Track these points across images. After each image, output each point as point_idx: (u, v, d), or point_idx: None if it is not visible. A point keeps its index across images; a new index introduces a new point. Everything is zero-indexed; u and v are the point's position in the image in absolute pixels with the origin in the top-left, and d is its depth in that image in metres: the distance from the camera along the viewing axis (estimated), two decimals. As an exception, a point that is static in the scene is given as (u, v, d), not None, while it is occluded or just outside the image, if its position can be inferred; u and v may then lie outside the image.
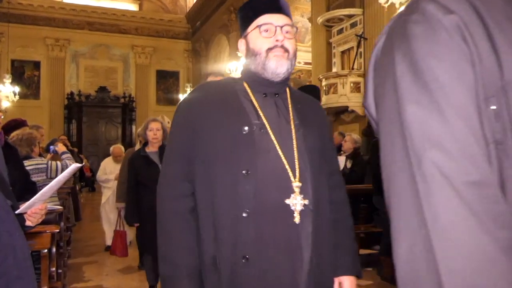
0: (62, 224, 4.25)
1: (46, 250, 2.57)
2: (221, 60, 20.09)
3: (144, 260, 4.42)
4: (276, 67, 1.38)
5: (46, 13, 19.66)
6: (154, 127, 3.93)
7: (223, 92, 1.43)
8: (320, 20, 11.35)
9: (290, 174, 1.33)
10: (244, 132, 1.32)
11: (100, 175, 6.56)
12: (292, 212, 1.30)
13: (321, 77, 11.05)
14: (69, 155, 4.03)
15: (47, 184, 3.44)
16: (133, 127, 20.97)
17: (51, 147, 4.64)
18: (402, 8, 7.49)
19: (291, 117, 1.42)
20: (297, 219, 1.30)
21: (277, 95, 1.45)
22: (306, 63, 15.81)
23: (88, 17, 20.43)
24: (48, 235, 2.55)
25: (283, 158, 1.34)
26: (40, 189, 3.21)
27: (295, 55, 1.44)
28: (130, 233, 5.70)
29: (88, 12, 20.36)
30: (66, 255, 5.23)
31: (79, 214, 7.55)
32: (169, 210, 1.38)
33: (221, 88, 1.45)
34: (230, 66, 14.03)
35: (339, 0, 11.32)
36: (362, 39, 10.23)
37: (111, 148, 6.77)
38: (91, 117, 20.14)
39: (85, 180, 14.86)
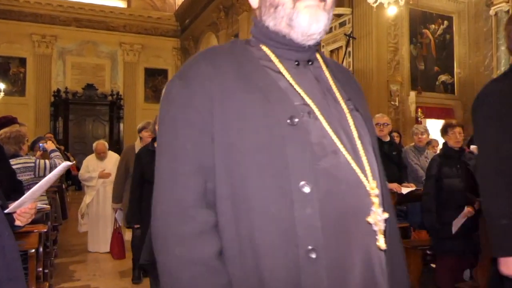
0: (49, 223, 4.20)
1: (33, 250, 2.54)
2: (210, 58, 20.03)
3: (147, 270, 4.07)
4: (310, 24, 0.94)
5: (32, 9, 19.36)
6: None
7: (241, 62, 0.95)
8: (309, 19, 11.37)
9: (362, 178, 0.92)
10: (289, 123, 0.87)
11: (82, 173, 6.19)
12: (374, 234, 0.90)
13: (310, 76, 11.08)
14: (58, 153, 3.98)
15: (35, 183, 3.41)
16: (121, 125, 20.79)
17: (40, 144, 4.57)
18: (391, 8, 7.51)
19: (338, 94, 1.00)
20: (382, 243, 0.90)
21: (310, 63, 1.02)
22: (295, 62, 15.85)
23: (75, 13, 20.17)
24: (36, 235, 2.52)
25: (347, 155, 0.91)
26: (28, 188, 3.18)
27: (333, 6, 1.01)
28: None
29: (75, 8, 20.10)
30: (52, 254, 5.17)
31: (66, 213, 7.47)
32: (183, 259, 0.85)
33: (236, 56, 0.97)
34: (219, 64, 14.00)
35: (328, -1, 11.35)
36: (351, 38, 10.28)
37: (94, 145, 6.36)
38: (78, 115, 19.92)
39: (72, 179, 14.69)
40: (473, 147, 4.46)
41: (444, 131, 3.45)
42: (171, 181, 0.89)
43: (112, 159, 6.18)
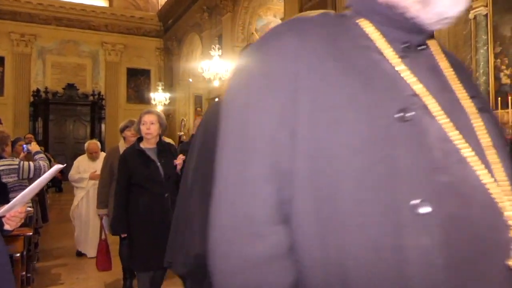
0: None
1: (18, 254, 2.49)
2: (194, 59, 19.94)
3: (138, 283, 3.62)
4: (454, 4, 0.69)
5: (11, 6, 18.96)
6: (148, 120, 3.34)
7: (334, 37, 0.71)
8: (293, 21, 11.43)
9: (499, 201, 0.65)
10: (399, 117, 0.64)
11: (73, 174, 5.88)
12: None
13: (294, 77, 11.14)
14: (42, 155, 3.90)
15: (20, 185, 3.34)
16: (103, 126, 20.53)
17: (24, 146, 4.46)
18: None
19: (461, 90, 0.75)
20: None
21: (423, 48, 0.76)
22: (278, 63, 15.89)
23: (55, 12, 19.84)
24: (21, 239, 2.47)
25: (478, 167, 0.66)
26: (13, 191, 3.11)
27: None
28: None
29: (55, 7, 19.77)
30: (35, 258, 5.08)
31: (47, 216, 7.33)
32: None
33: (328, 29, 0.73)
34: (203, 65, 13.93)
35: (312, 1, 11.44)
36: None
37: (86, 144, 6.06)
38: (59, 115, 19.59)
39: (52, 180, 14.44)
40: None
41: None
42: (236, 188, 0.67)
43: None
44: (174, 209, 2.25)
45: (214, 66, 13.46)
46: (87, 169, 5.81)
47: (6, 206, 1.31)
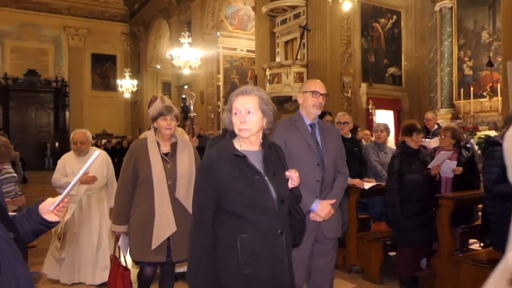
0: None
1: None
2: (161, 45, 19.56)
3: None
4: None
5: (-35, -13, 17.92)
6: (242, 107, 1.84)
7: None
8: (264, 9, 11.41)
9: None
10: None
11: (57, 177, 4.06)
12: None
13: (265, 66, 11.17)
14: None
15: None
16: (67, 113, 19.91)
17: None
18: (346, 3, 7.67)
19: None
20: None
21: None
22: (248, 51, 15.87)
23: (13, -7, 18.90)
24: None
25: None
26: None
27: None
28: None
29: (13, -12, 18.83)
30: None
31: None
32: None
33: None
34: (173, 52, 13.70)
35: (282, -10, 11.43)
36: (305, 30, 10.45)
37: (72, 135, 4.13)
38: (20, 102, 18.83)
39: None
40: (425, 142, 4.75)
41: (408, 133, 3.64)
42: None
43: (99, 157, 4.08)
44: (289, 256, 1.83)
45: (184, 54, 13.27)
46: (76, 170, 3.93)
47: (59, 198, 1.30)
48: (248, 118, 1.78)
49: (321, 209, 2.48)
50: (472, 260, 3.29)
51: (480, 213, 4.03)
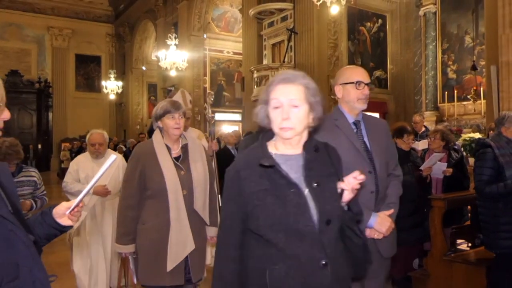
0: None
1: None
2: (147, 47, 19.43)
3: None
4: None
5: None
6: (285, 99, 1.34)
7: None
8: (251, 12, 11.45)
9: None
10: None
11: (68, 181, 3.59)
12: None
13: (252, 69, 11.20)
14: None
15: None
16: (50, 115, 19.60)
17: None
18: (334, 7, 7.73)
19: None
20: None
21: None
22: (235, 53, 15.89)
23: (-5, -8, 18.56)
24: None
25: None
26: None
27: None
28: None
29: (-5, -13, 18.49)
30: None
31: None
32: None
33: None
34: (160, 54, 13.63)
35: (271, -8, 11.48)
36: (293, 33, 10.51)
37: (88, 135, 3.72)
38: (1, 104, 18.45)
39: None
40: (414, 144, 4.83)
41: (399, 135, 3.71)
42: None
43: (115, 162, 2.98)
44: None
45: (171, 56, 13.22)
46: (91, 174, 3.47)
47: (74, 202, 1.29)
48: (292, 114, 1.36)
49: (381, 224, 1.98)
50: (463, 260, 3.37)
51: (469, 214, 4.12)
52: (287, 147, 1.43)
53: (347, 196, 1.39)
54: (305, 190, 1.36)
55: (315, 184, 1.37)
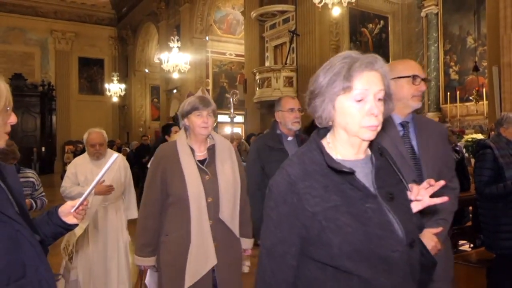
0: None
1: None
2: (150, 49, 19.52)
3: None
4: None
5: (-51, -10, 17.65)
6: (373, 83, 1.08)
7: None
8: (253, 14, 11.50)
9: None
10: None
11: (67, 186, 3.34)
12: None
13: (255, 70, 11.24)
14: None
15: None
16: (53, 118, 19.70)
17: None
18: (335, 9, 7.75)
19: None
20: None
21: None
22: (237, 55, 15.94)
23: (-1, -4, 18.68)
24: None
25: None
26: None
27: None
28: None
29: (-1, -9, 18.60)
30: None
31: None
32: None
33: None
34: (162, 56, 13.69)
35: (272, -5, 11.54)
36: (294, 35, 10.55)
37: (85, 135, 3.40)
38: (5, 107, 18.56)
39: None
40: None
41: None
42: None
43: (115, 162, 3.02)
44: None
45: (174, 58, 13.28)
46: (91, 177, 3.25)
47: (78, 201, 1.32)
48: (379, 110, 1.06)
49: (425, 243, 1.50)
50: (464, 261, 3.38)
51: (470, 215, 4.14)
52: (354, 150, 1.11)
53: (415, 209, 1.15)
54: (384, 203, 1.06)
55: (390, 197, 1.08)
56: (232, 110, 3.80)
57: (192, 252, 2.03)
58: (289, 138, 2.79)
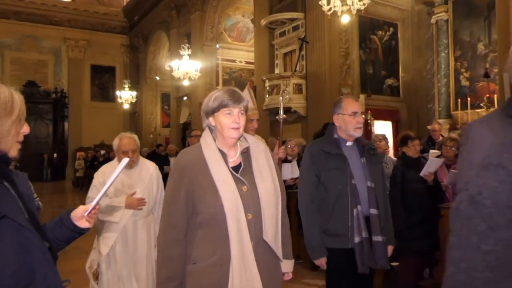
0: None
1: None
2: (161, 57, 19.71)
3: None
4: None
5: (-34, 0, 18.07)
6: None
7: None
8: (263, 22, 11.56)
9: None
10: None
11: (93, 197, 2.73)
12: None
13: (264, 78, 11.28)
14: None
15: None
16: (66, 124, 19.95)
17: None
18: (345, 16, 7.77)
19: None
20: None
21: None
22: (247, 62, 16.02)
23: (14, 5, 19.07)
24: None
25: None
26: None
27: None
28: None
29: (14, 0, 18.98)
30: None
31: None
32: None
33: None
34: (173, 64, 13.82)
35: (282, 3, 11.60)
36: (304, 42, 10.58)
37: (116, 141, 3.02)
38: (19, 114, 18.87)
39: None
40: (426, 154, 4.83)
41: (404, 143, 3.73)
42: None
43: (148, 171, 3.15)
44: None
45: (184, 65, 13.40)
46: (120, 188, 2.99)
47: (91, 205, 1.35)
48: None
49: None
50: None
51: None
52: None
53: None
54: None
55: None
56: (281, 111, 3.74)
57: (233, 284, 1.59)
58: (348, 143, 2.52)
